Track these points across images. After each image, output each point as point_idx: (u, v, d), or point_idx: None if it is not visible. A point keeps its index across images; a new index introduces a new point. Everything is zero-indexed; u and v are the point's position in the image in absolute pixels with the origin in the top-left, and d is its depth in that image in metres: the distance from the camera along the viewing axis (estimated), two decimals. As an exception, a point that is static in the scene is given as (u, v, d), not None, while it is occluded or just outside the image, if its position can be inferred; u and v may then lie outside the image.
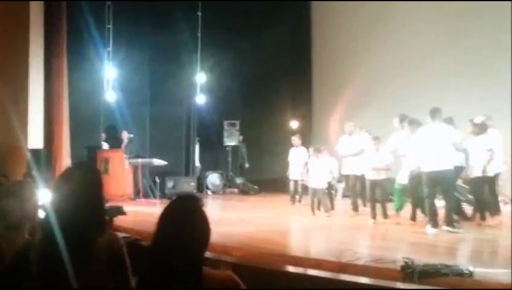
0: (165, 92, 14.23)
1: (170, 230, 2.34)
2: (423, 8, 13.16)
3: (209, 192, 14.88)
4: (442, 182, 8.06)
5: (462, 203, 9.29)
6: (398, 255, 5.55)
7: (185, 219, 2.35)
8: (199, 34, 14.38)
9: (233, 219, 9.67)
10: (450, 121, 8.60)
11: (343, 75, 14.79)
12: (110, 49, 13.21)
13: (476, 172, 8.56)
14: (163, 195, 13.30)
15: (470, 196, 9.24)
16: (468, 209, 9.23)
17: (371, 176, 9.18)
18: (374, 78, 13.94)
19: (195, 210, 2.40)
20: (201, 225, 2.38)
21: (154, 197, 13.09)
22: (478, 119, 8.80)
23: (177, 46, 14.14)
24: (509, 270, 5.00)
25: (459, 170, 8.71)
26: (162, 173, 13.79)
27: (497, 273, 4.98)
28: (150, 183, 13.41)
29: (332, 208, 10.32)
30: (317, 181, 10.08)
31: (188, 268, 2.27)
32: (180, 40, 14.07)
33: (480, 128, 8.72)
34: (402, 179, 9.15)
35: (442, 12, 12.89)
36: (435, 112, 8.17)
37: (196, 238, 2.34)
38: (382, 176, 9.13)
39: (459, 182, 9.31)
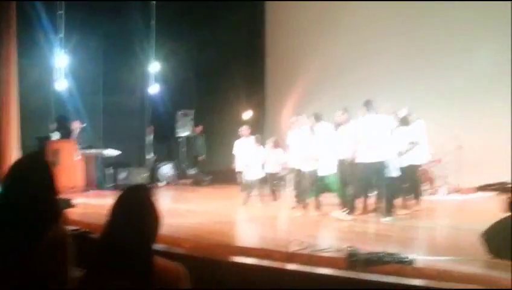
0: (118, 81, 14.07)
1: (120, 221, 2.34)
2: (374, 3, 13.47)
3: (161, 183, 14.82)
4: (378, 173, 8.19)
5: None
6: (343, 245, 5.72)
7: (134, 209, 2.35)
8: (153, 23, 14.26)
9: (184, 211, 9.67)
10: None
11: (296, 65, 14.95)
12: (61, 36, 12.94)
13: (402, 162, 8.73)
14: (115, 186, 13.17)
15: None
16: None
17: (308, 167, 9.30)
18: (326, 69, 14.15)
19: (145, 201, 2.39)
20: (151, 215, 2.38)
21: (106, 188, 12.96)
22: (402, 113, 9.09)
23: (131, 34, 13.99)
24: (447, 258, 5.23)
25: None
26: (115, 163, 13.64)
27: (437, 261, 5.19)
28: (102, 174, 13.26)
29: (275, 199, 10.42)
30: (257, 172, 10.26)
31: (137, 259, 2.29)
32: (134, 28, 13.94)
33: (403, 121, 9.01)
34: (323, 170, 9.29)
35: (393, 8, 13.22)
36: (368, 104, 8.30)
37: (146, 229, 2.34)
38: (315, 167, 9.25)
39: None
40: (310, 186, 9.23)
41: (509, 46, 11.42)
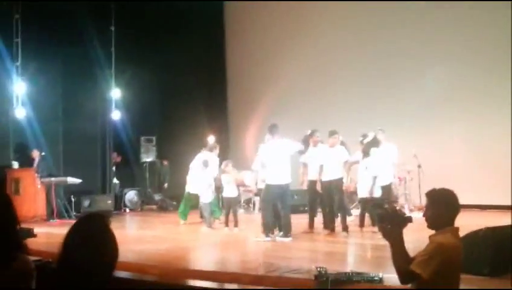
0: (78, 107, 13.84)
1: (73, 251, 2.25)
2: (335, 22, 13.75)
3: (127, 209, 14.61)
4: (283, 194, 8.51)
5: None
6: (313, 265, 5.71)
7: (88, 238, 2.26)
8: (113, 49, 14.17)
9: (150, 237, 9.55)
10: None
11: (258, 89, 15.10)
12: (18, 63, 12.72)
13: (363, 193, 8.93)
14: (78, 215, 12.87)
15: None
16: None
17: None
18: (288, 92, 14.32)
19: (99, 229, 2.31)
20: (106, 244, 2.29)
21: (70, 217, 12.62)
22: (370, 136, 9.35)
23: (91, 61, 13.82)
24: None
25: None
26: (78, 191, 13.36)
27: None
28: (64, 203, 12.94)
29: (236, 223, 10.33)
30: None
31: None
32: (93, 54, 13.78)
33: (374, 143, 9.24)
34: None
35: (352, 33, 13.52)
36: (272, 129, 8.67)
37: (101, 259, 2.25)
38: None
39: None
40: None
41: (458, 70, 11.82)
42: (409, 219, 3.31)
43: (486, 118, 11.64)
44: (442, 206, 3.34)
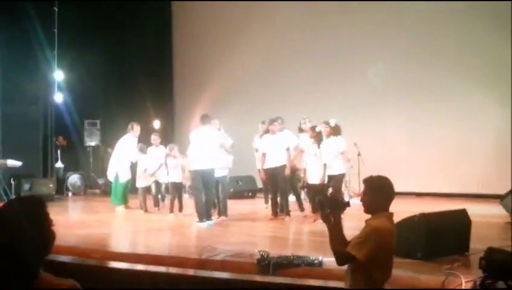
0: (19, 90, 13.38)
1: (3, 230, 2.16)
2: (284, 14, 13.88)
3: (69, 193, 14.33)
4: (207, 182, 8.74)
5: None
6: (255, 249, 5.79)
7: (14, 222, 2.16)
8: (55, 30, 13.76)
9: (94, 221, 9.43)
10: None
11: (204, 74, 15.05)
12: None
13: (314, 180, 8.91)
14: (18, 198, 12.49)
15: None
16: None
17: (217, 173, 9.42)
18: (234, 80, 14.35)
19: (29, 212, 2.21)
20: (37, 228, 2.20)
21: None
22: (332, 122, 9.42)
23: (32, 41, 13.37)
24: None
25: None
26: (18, 175, 12.98)
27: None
28: (4, 186, 12.57)
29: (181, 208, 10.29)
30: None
31: (20, 277, 2.13)
32: (35, 35, 13.34)
33: (335, 131, 9.35)
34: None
35: (299, 20, 13.66)
36: (204, 118, 9.05)
37: (30, 243, 2.15)
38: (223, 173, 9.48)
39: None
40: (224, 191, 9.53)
41: (398, 65, 12.21)
42: (347, 204, 3.53)
43: (424, 110, 12.05)
44: (377, 193, 3.52)
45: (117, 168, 10.93)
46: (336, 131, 9.37)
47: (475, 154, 11.41)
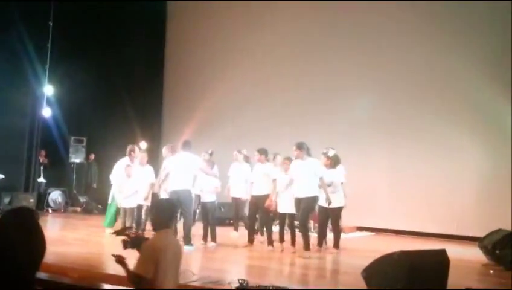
0: (7, 102, 13.32)
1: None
2: (275, 37, 14.04)
3: (50, 210, 14.14)
4: (182, 202, 8.64)
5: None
6: (235, 277, 5.75)
7: (14, 234, 2.15)
8: (49, 45, 13.77)
9: (72, 239, 9.31)
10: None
11: (194, 97, 15.06)
12: None
13: (283, 209, 8.84)
14: (-1, 210, 12.36)
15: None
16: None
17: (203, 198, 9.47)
18: (224, 102, 14.39)
19: (27, 224, 2.20)
20: (35, 240, 2.19)
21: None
22: (331, 153, 9.28)
23: (23, 54, 13.37)
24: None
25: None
26: (-1, 187, 12.87)
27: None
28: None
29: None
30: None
31: (16, 288, 2.11)
32: (27, 48, 13.33)
33: (334, 161, 9.22)
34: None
35: (292, 43, 13.82)
36: (185, 144, 9.11)
37: (28, 256, 2.15)
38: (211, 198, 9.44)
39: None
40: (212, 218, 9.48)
41: (384, 101, 12.34)
42: (145, 238, 4.08)
43: (406, 148, 12.09)
44: (159, 211, 4.02)
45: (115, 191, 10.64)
46: (334, 162, 9.20)
47: (455, 195, 11.44)
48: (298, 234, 8.56)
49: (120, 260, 3.90)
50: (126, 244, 3.98)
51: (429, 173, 11.76)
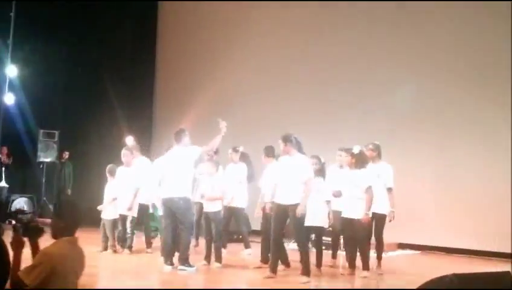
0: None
1: None
2: (285, 25, 14.33)
3: (14, 221, 14.14)
4: (177, 213, 8.52)
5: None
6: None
7: None
8: (12, 14, 13.79)
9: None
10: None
11: (189, 87, 15.22)
12: None
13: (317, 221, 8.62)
14: None
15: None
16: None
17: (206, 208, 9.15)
18: (220, 95, 14.53)
19: None
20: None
21: None
22: (356, 149, 8.69)
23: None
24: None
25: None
26: None
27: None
28: None
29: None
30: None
31: None
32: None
33: (361, 160, 8.61)
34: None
35: (311, 29, 13.96)
36: (177, 134, 8.77)
37: None
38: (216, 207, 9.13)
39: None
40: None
41: (429, 90, 12.25)
42: (42, 230, 4.09)
43: (457, 145, 11.95)
44: (60, 217, 4.15)
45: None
46: (361, 160, 8.60)
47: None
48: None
49: (18, 244, 3.92)
50: (17, 230, 3.96)
51: (488, 178, 11.54)
